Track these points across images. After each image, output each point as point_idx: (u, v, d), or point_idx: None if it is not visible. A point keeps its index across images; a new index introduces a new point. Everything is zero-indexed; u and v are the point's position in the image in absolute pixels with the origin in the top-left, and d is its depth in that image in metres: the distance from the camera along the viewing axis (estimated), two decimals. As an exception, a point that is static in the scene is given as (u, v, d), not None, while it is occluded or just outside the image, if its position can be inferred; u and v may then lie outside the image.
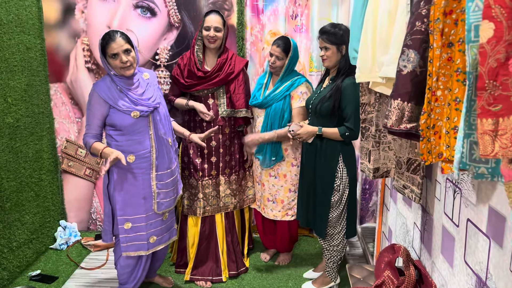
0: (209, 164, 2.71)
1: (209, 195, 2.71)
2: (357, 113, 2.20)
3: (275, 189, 2.70)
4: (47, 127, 3.06)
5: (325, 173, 2.32)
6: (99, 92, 2.02)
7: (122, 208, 2.12)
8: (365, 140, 1.84)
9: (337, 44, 2.26)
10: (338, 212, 2.35)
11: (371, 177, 1.79)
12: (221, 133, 2.69)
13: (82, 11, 2.97)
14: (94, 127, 2.07)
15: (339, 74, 2.28)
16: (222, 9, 2.97)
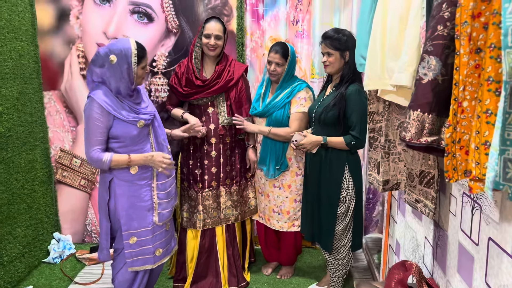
0: (209, 175, 2.61)
1: (209, 207, 2.61)
2: (363, 121, 2.12)
3: (280, 200, 2.61)
4: (41, 136, 2.96)
5: (330, 184, 2.23)
6: (102, 104, 1.91)
7: (126, 222, 2.02)
8: (374, 151, 1.75)
9: (341, 50, 2.18)
10: (344, 225, 2.26)
11: (380, 190, 1.70)
12: (222, 142, 2.60)
13: (77, 17, 2.89)
14: (101, 141, 1.94)
15: (342, 81, 2.21)
16: (222, 14, 2.89)
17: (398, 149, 1.68)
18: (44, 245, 3.02)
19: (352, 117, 2.13)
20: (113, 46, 1.91)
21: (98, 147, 1.93)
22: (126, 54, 1.91)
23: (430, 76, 0.98)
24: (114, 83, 1.93)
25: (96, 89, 1.95)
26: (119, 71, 1.91)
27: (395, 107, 1.67)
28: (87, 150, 1.93)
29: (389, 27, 1.50)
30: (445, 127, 0.97)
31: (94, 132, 1.92)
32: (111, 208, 2.03)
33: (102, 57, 1.90)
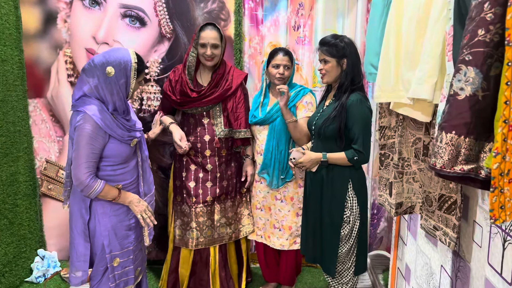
0: (204, 189, 2.43)
1: (203, 224, 2.43)
2: (366, 133, 1.96)
3: (281, 215, 2.44)
4: (24, 147, 2.78)
5: (333, 204, 2.05)
6: (98, 121, 1.73)
7: (110, 244, 1.86)
8: (385, 169, 1.58)
9: (338, 57, 2.01)
10: (348, 247, 2.08)
11: (393, 214, 1.53)
12: (217, 155, 2.43)
13: (64, 20, 2.72)
14: (93, 165, 1.77)
15: (341, 91, 2.04)
16: (218, 19, 2.73)
17: (413, 168, 1.50)
18: (27, 263, 2.83)
19: (354, 129, 1.96)
20: (111, 56, 1.73)
21: (89, 171, 1.75)
22: (126, 67, 1.74)
23: (468, 91, 0.81)
24: (109, 98, 1.75)
25: (88, 104, 1.76)
26: (116, 85, 1.74)
27: (410, 121, 1.50)
28: (76, 172, 1.74)
29: (405, 33, 1.34)
30: (483, 153, 0.80)
31: (87, 154, 1.73)
32: (91, 229, 1.86)
33: (97, 67, 1.72)
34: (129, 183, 1.90)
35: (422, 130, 1.44)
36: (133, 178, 1.92)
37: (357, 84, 2.00)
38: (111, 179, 1.84)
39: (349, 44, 2.02)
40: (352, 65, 1.99)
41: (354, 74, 1.99)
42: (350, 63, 1.99)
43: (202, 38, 2.26)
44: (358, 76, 2.01)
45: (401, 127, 1.51)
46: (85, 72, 1.75)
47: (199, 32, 2.27)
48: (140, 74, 1.84)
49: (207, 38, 2.26)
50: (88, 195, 1.76)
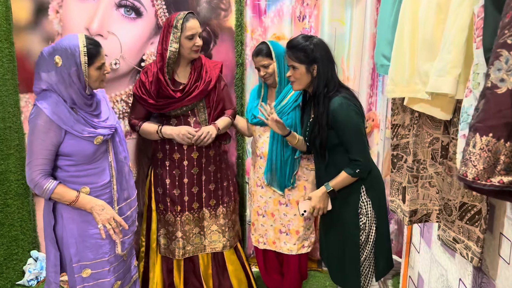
0: (189, 195, 2.27)
1: (190, 232, 2.28)
2: (358, 139, 1.79)
3: (287, 219, 2.29)
4: (16, 144, 2.65)
5: (346, 210, 1.89)
6: (51, 116, 1.59)
7: (78, 253, 1.72)
8: (397, 172, 1.42)
9: (307, 63, 1.81)
10: (365, 254, 1.92)
11: (407, 222, 1.37)
12: (204, 156, 2.27)
13: (56, 11, 2.59)
14: (45, 162, 1.63)
15: (317, 100, 1.84)
16: (218, 8, 2.58)
17: (429, 172, 1.34)
18: (19, 266, 2.72)
19: (345, 137, 1.79)
20: (58, 44, 1.60)
21: (40, 168, 1.62)
22: (73, 53, 1.59)
23: (510, 82, 0.65)
24: (63, 90, 1.61)
25: (44, 98, 1.62)
26: (66, 74, 1.59)
27: (427, 119, 1.33)
28: (28, 168, 1.63)
29: (422, 18, 1.17)
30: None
31: (38, 150, 1.61)
32: (58, 235, 1.73)
33: (46, 58, 1.59)
34: (99, 187, 1.75)
35: (440, 129, 1.28)
36: (104, 181, 1.76)
37: (332, 91, 1.81)
38: (75, 180, 1.70)
39: (319, 47, 1.81)
40: (324, 71, 1.79)
41: (328, 80, 1.80)
42: (320, 69, 1.79)
43: (189, 29, 2.10)
44: (332, 82, 1.82)
45: (417, 126, 1.35)
46: (37, 65, 1.62)
47: (183, 24, 2.10)
48: (95, 58, 1.65)
49: (196, 28, 2.11)
50: (40, 195, 1.64)
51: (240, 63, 2.65)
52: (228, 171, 2.47)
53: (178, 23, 2.09)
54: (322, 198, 1.86)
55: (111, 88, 2.57)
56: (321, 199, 1.86)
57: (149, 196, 2.38)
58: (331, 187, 1.83)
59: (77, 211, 1.72)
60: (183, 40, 2.11)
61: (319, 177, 2.00)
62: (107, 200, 1.78)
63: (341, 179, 1.82)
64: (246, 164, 2.79)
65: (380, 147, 2.79)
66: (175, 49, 2.12)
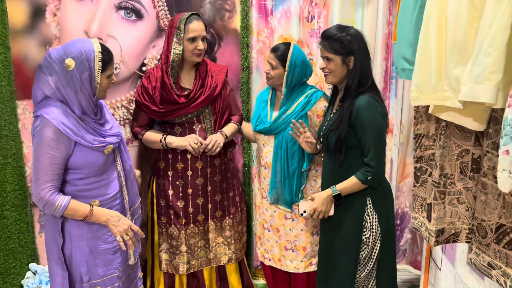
0: (194, 207, 2.16)
1: (195, 246, 2.17)
2: (379, 144, 1.69)
3: (293, 234, 2.15)
4: (13, 153, 2.55)
5: (348, 223, 1.77)
6: (60, 126, 1.49)
7: (89, 271, 1.63)
8: (421, 187, 1.29)
9: (343, 54, 1.72)
10: (367, 271, 1.79)
11: (433, 243, 1.24)
12: (210, 165, 2.15)
13: (54, 14, 2.49)
14: (55, 177, 1.53)
15: (348, 95, 1.74)
16: (223, 10, 2.47)
17: (458, 187, 1.21)
18: (17, 280, 2.62)
19: (364, 138, 1.68)
20: (71, 47, 1.50)
21: (50, 184, 1.51)
22: (88, 57, 1.50)
23: None
24: (73, 97, 1.50)
25: (48, 107, 1.51)
26: (78, 80, 1.48)
27: (455, 129, 1.20)
28: (35, 186, 1.52)
29: (452, 17, 1.04)
30: None
31: (47, 165, 1.50)
32: (67, 255, 1.62)
33: (54, 61, 1.48)
34: (109, 199, 1.66)
35: (470, 140, 1.15)
36: (114, 192, 1.68)
37: (364, 86, 1.70)
38: (85, 194, 1.60)
39: (356, 38, 1.71)
40: (360, 63, 1.70)
41: (362, 75, 1.70)
42: (357, 62, 1.70)
43: (191, 31, 2.00)
44: (366, 76, 1.71)
45: (444, 136, 1.21)
46: (42, 69, 1.50)
47: (185, 26, 2.00)
48: (108, 66, 1.58)
49: (199, 30, 2.00)
50: (51, 213, 1.53)
51: (245, 66, 2.53)
52: (234, 180, 2.35)
53: (181, 24, 1.99)
54: (326, 201, 1.75)
55: (111, 94, 2.45)
56: (325, 202, 1.75)
57: (151, 208, 2.27)
58: (337, 191, 1.72)
59: (87, 227, 1.63)
60: (185, 42, 2.01)
61: (327, 177, 1.88)
62: (118, 211, 1.70)
63: (350, 184, 1.72)
64: (252, 172, 2.67)
65: (394, 153, 2.66)
66: (178, 52, 2.02)
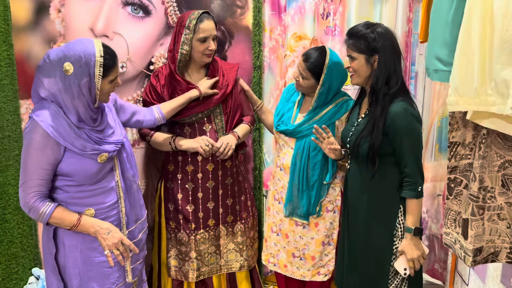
0: (204, 211, 2.06)
1: (205, 252, 2.07)
2: (418, 152, 1.58)
3: (303, 242, 2.04)
4: (15, 154, 2.46)
5: (379, 233, 1.66)
6: (48, 130, 1.40)
7: (81, 284, 1.54)
8: (454, 200, 1.18)
9: (367, 53, 1.61)
10: (396, 283, 1.68)
11: (470, 263, 1.12)
12: (221, 168, 2.06)
13: (58, 10, 2.40)
14: (41, 183, 1.45)
15: (375, 99, 1.63)
16: (234, 6, 2.37)
17: (498, 202, 1.10)
18: (19, 285, 2.53)
19: (403, 147, 1.57)
20: (70, 49, 1.40)
21: (35, 190, 1.43)
22: (88, 62, 1.40)
23: None
24: (69, 103, 1.41)
25: (41, 108, 1.42)
26: (75, 85, 1.38)
27: (497, 137, 1.09)
28: (21, 190, 1.44)
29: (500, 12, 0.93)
30: None
31: (32, 169, 1.42)
32: (60, 264, 1.54)
33: (52, 63, 1.40)
34: (106, 208, 1.56)
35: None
36: (111, 202, 1.58)
37: (394, 88, 1.58)
38: (77, 202, 1.51)
39: (382, 35, 1.59)
40: (385, 63, 1.58)
41: (389, 75, 1.58)
42: (382, 61, 1.58)
43: (202, 31, 1.91)
44: (394, 77, 1.59)
45: (484, 145, 1.09)
46: (39, 70, 1.41)
47: (196, 25, 1.90)
48: (110, 71, 1.48)
49: (210, 30, 1.92)
50: (36, 220, 1.46)
51: (257, 65, 2.42)
52: (246, 184, 2.26)
53: (190, 24, 1.90)
54: (415, 245, 1.59)
55: (117, 94, 2.35)
56: (414, 246, 1.59)
57: (159, 213, 2.18)
58: (412, 228, 1.57)
59: (81, 236, 1.54)
60: (195, 43, 1.92)
61: (357, 189, 1.75)
62: (114, 223, 1.60)
63: (411, 210, 1.59)
64: (263, 176, 2.56)
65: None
66: (186, 52, 1.93)
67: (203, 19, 1.92)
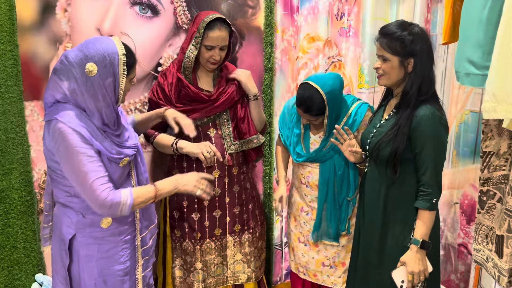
0: (211, 220, 1.99)
1: (211, 262, 2.00)
2: (439, 161, 1.51)
3: (333, 251, 2.00)
4: (20, 157, 2.41)
5: (394, 243, 1.58)
6: (81, 130, 1.35)
7: None
8: (487, 214, 1.09)
9: (402, 55, 1.52)
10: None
11: (505, 284, 1.03)
12: (228, 175, 1.98)
13: (65, 10, 2.34)
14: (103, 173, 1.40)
15: (405, 103, 1.54)
16: (245, 6, 2.30)
17: (537, 218, 1.00)
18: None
19: (424, 154, 1.49)
20: (91, 49, 1.34)
21: (105, 183, 1.37)
22: (112, 62, 1.35)
23: None
24: (92, 105, 1.35)
25: (62, 110, 1.36)
26: (101, 87, 1.34)
27: (537, 148, 0.99)
28: (89, 195, 1.37)
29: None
30: None
31: (88, 166, 1.34)
32: (73, 275, 1.49)
33: (72, 65, 1.33)
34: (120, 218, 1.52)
35: (557, 161, 0.95)
36: None
37: (425, 95, 1.51)
38: (94, 211, 1.45)
39: (420, 38, 1.50)
40: (421, 67, 1.49)
41: (423, 80, 1.50)
42: (418, 66, 1.49)
43: (209, 39, 1.86)
44: (427, 83, 1.51)
45: (523, 156, 1.01)
46: (57, 73, 1.34)
47: (205, 31, 1.85)
48: (132, 69, 1.45)
49: (217, 40, 1.86)
50: (120, 212, 1.40)
51: (269, 67, 2.35)
52: (254, 192, 2.19)
53: (200, 27, 1.84)
54: (418, 258, 1.51)
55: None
56: (417, 259, 1.51)
57: (164, 221, 2.11)
58: (419, 240, 1.50)
59: (97, 247, 1.48)
60: (202, 48, 1.86)
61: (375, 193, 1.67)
62: (129, 229, 1.55)
63: (423, 221, 1.51)
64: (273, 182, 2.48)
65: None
66: (192, 55, 1.90)
67: (214, 27, 1.86)
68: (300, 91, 1.81)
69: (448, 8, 1.51)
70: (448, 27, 1.52)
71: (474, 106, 2.38)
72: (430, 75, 1.52)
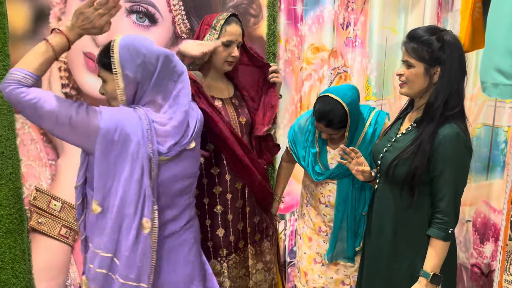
0: (235, 233, 1.90)
1: (237, 277, 1.93)
2: (459, 186, 1.39)
3: (353, 269, 1.89)
4: (9, 172, 2.30)
5: (402, 273, 1.47)
6: None
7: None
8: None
9: (429, 62, 1.39)
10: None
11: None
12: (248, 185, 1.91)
13: (58, 18, 2.27)
14: None
15: (428, 116, 1.42)
16: (247, 14, 2.25)
17: None
18: (9, 315, 2.33)
19: (443, 177, 1.37)
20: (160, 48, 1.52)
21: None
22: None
23: None
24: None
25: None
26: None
27: None
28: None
29: None
30: None
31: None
32: None
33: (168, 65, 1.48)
34: None
35: None
36: None
37: (451, 110, 1.38)
38: None
39: (450, 46, 1.37)
40: (449, 78, 1.36)
41: (451, 93, 1.37)
42: (445, 76, 1.36)
43: (228, 34, 1.74)
44: (455, 97, 1.38)
45: None
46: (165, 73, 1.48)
47: (223, 26, 1.73)
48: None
49: (236, 34, 1.75)
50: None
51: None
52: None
53: (217, 24, 1.73)
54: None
55: (120, 108, 2.23)
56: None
57: None
58: (430, 274, 1.37)
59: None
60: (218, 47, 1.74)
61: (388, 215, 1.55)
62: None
63: (435, 252, 1.39)
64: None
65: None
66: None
67: (231, 22, 1.76)
68: (321, 105, 1.68)
69: (466, 15, 1.41)
70: (468, 34, 1.43)
71: (487, 119, 2.28)
72: (459, 89, 1.39)
